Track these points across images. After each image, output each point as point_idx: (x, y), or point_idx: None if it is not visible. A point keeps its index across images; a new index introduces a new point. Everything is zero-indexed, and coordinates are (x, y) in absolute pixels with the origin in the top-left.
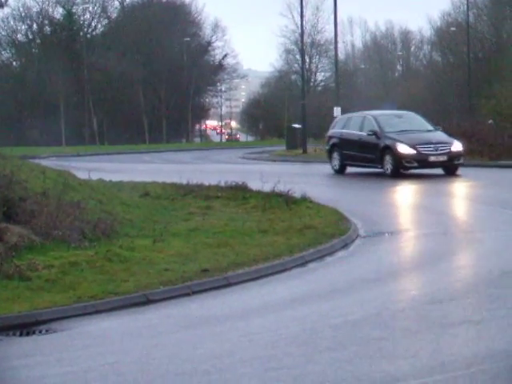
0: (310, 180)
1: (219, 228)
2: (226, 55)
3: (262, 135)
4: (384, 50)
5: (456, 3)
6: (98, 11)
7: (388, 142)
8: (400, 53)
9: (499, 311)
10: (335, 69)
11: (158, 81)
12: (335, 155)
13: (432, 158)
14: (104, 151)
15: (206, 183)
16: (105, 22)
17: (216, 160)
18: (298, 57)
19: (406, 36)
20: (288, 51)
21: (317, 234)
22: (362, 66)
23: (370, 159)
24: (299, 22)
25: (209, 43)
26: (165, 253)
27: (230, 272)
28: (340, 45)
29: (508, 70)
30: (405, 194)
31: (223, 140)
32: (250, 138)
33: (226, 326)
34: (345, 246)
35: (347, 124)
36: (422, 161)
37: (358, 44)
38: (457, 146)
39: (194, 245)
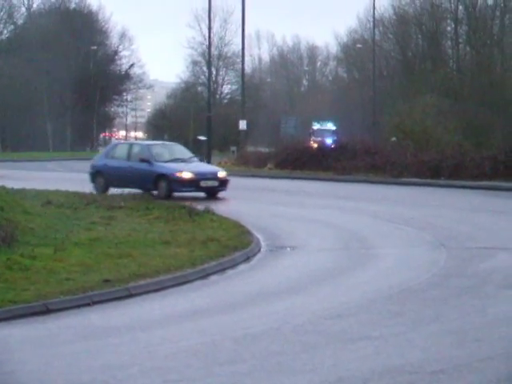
0: None
1: (122, 238)
2: (132, 65)
3: None
4: (291, 64)
5: (362, 20)
6: (4, 17)
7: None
8: (306, 68)
9: (397, 327)
10: (242, 82)
11: (63, 88)
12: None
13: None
14: (7, 158)
15: (109, 193)
16: (11, 27)
17: None
18: (204, 69)
19: (312, 51)
20: (195, 63)
21: (219, 246)
22: (269, 80)
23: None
24: (207, 34)
25: (115, 52)
26: (66, 262)
27: (131, 283)
28: (247, 58)
29: (412, 88)
30: (307, 210)
31: None
32: None
33: (127, 337)
34: (247, 259)
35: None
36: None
37: (265, 58)
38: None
39: (96, 255)
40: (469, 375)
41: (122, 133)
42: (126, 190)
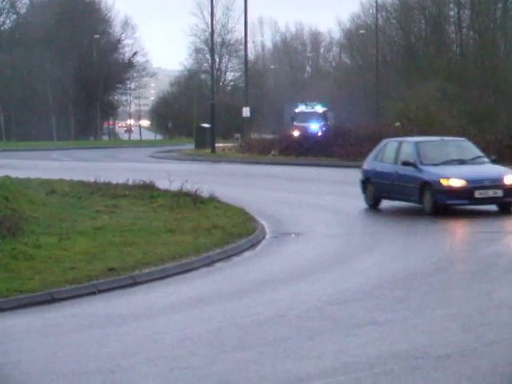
0: (218, 179)
1: (126, 227)
2: (135, 53)
3: (170, 134)
4: (294, 50)
5: (365, 5)
6: (7, 6)
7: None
8: (309, 54)
9: (403, 313)
10: (245, 69)
11: (66, 78)
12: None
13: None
14: (11, 148)
15: (114, 182)
16: (13, 17)
17: (124, 158)
18: (207, 56)
19: (315, 37)
20: (198, 50)
21: (224, 233)
22: (272, 67)
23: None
24: (209, 21)
25: (118, 41)
26: (71, 251)
27: (136, 271)
28: (250, 45)
29: (416, 74)
30: (311, 196)
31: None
32: (159, 137)
33: (132, 325)
34: (252, 246)
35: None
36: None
37: (268, 44)
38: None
39: (101, 243)
40: (474, 360)
41: (127, 121)
42: (392, 204)
